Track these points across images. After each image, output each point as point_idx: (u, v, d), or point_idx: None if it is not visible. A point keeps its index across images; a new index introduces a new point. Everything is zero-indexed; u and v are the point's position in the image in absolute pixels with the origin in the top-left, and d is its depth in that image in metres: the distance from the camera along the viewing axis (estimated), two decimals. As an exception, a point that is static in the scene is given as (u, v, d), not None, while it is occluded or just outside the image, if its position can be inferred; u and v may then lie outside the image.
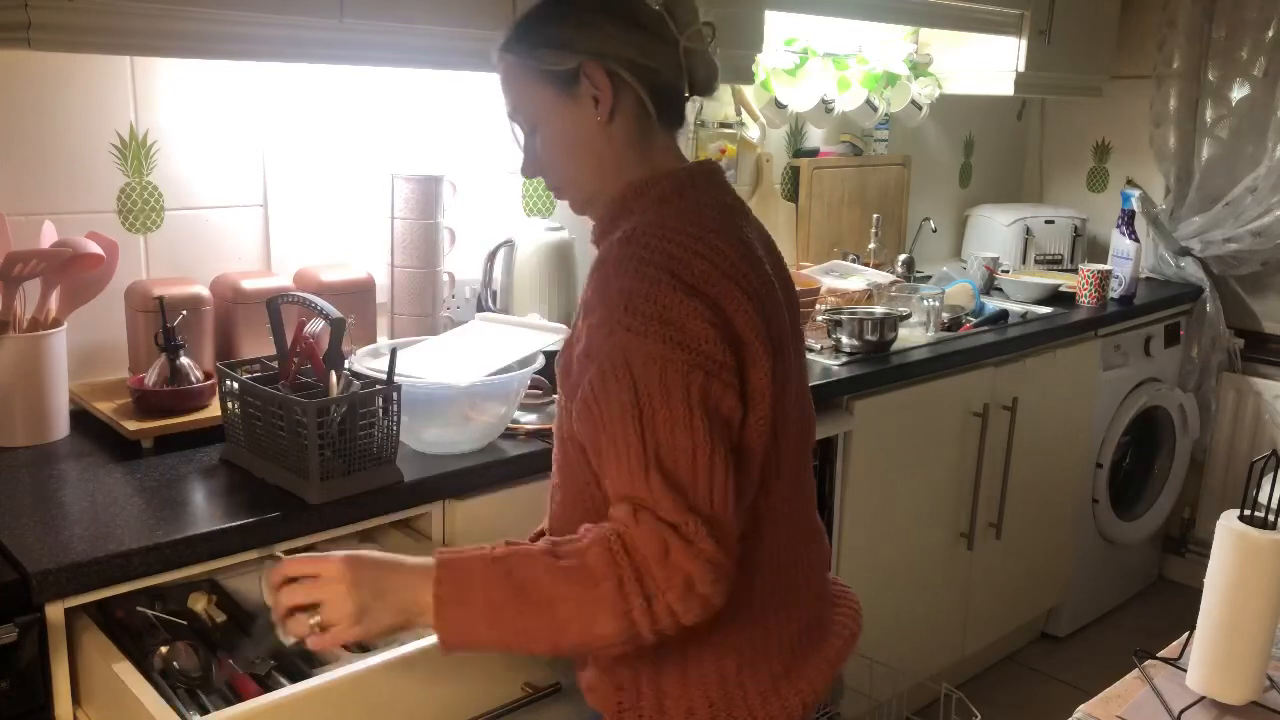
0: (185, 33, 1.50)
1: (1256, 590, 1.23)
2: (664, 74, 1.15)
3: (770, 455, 1.13)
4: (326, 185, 2.09)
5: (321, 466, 1.43)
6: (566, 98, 1.14)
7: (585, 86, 1.13)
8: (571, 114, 1.15)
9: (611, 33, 1.13)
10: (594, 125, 1.14)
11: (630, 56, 1.13)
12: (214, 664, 1.35)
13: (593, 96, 1.13)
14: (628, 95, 1.14)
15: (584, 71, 1.13)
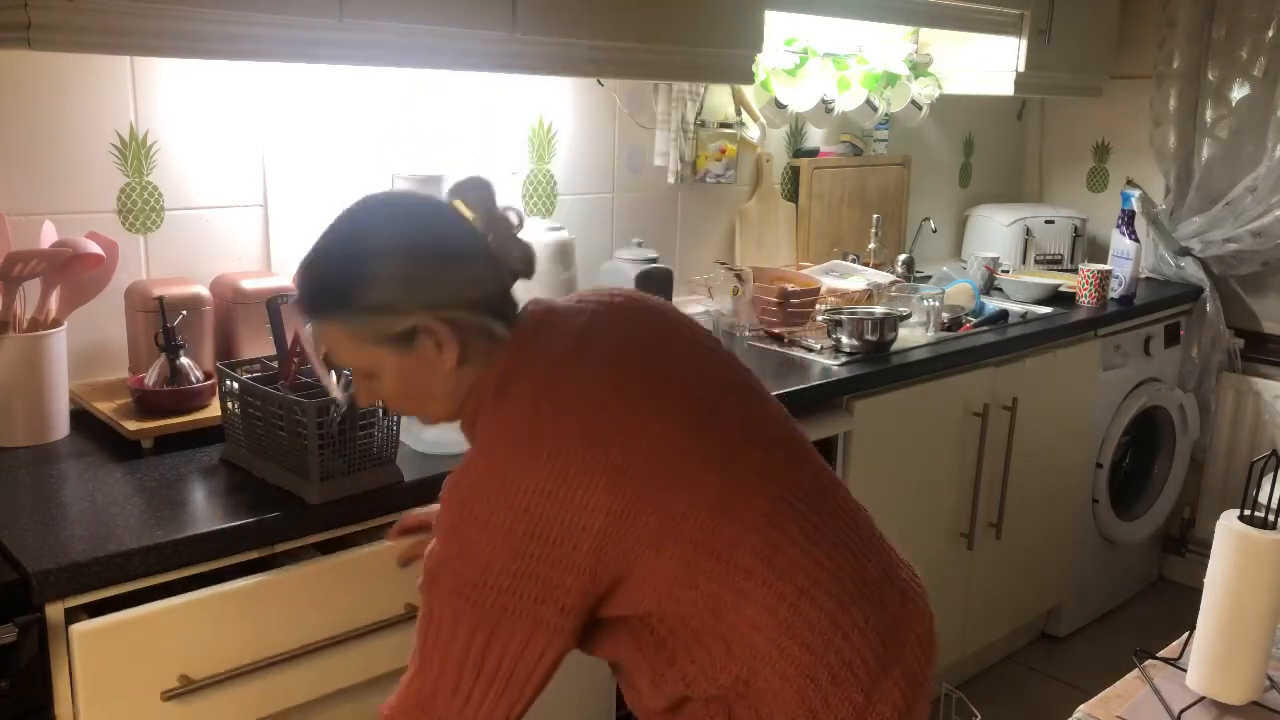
0: (185, 33, 1.50)
1: (1256, 590, 1.23)
2: (493, 288, 1.13)
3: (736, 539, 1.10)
4: (326, 185, 2.09)
5: (322, 466, 1.44)
6: (404, 353, 1.11)
7: (425, 341, 1.10)
8: (414, 365, 1.12)
9: (437, 281, 1.09)
10: (442, 371, 1.12)
11: (463, 296, 1.10)
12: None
13: (434, 346, 1.10)
14: (474, 329, 1.11)
15: (420, 329, 1.09)
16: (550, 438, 1.06)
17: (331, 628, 1.45)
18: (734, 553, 1.09)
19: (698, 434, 1.12)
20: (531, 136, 2.38)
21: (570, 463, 1.04)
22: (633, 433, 1.08)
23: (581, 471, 1.04)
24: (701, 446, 1.12)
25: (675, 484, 1.08)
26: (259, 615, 1.37)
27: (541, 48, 1.89)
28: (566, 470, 1.04)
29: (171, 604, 1.30)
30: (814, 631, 1.11)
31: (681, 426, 1.11)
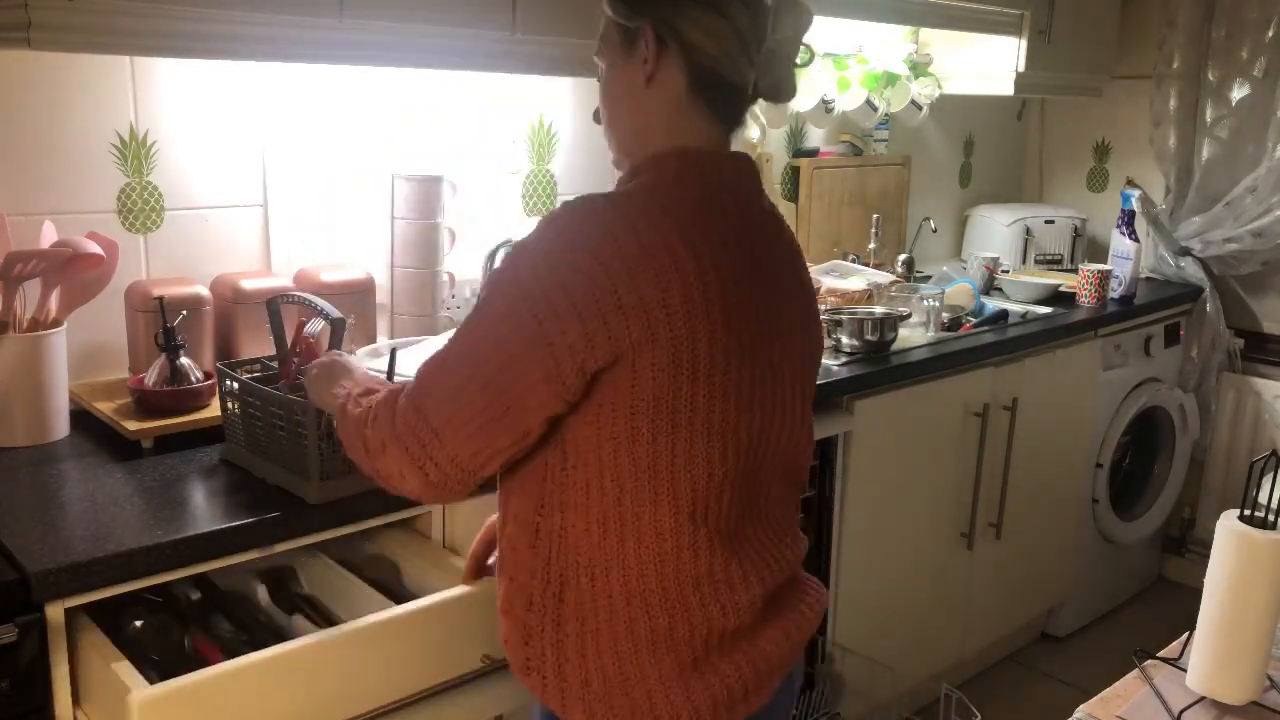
0: (185, 33, 1.50)
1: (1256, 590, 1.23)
2: (722, 62, 1.17)
3: (690, 446, 1.13)
4: (326, 185, 2.09)
5: (321, 466, 1.44)
6: (624, 53, 1.20)
7: (640, 48, 1.18)
8: (624, 69, 1.20)
9: (680, 6, 1.16)
10: (636, 85, 1.19)
11: (686, 32, 1.16)
12: (187, 637, 1.39)
13: (643, 58, 1.18)
14: (671, 66, 1.17)
15: (641, 32, 1.17)
16: (648, 229, 1.09)
17: (397, 689, 1.38)
18: (688, 454, 1.13)
19: (761, 413, 1.18)
20: (531, 136, 2.37)
21: (651, 254, 1.08)
22: (738, 330, 1.14)
23: (653, 268, 1.08)
24: (749, 422, 1.17)
25: (691, 369, 1.11)
26: (320, 677, 1.30)
27: (541, 47, 1.89)
28: (647, 258, 1.08)
29: (233, 667, 1.23)
30: (686, 578, 1.16)
31: (764, 394, 1.18)
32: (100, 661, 1.25)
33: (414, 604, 1.39)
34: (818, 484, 2.29)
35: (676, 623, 1.15)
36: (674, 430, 1.11)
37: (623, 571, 1.14)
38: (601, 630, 1.15)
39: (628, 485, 1.12)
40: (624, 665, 1.15)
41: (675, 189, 1.15)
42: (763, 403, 1.18)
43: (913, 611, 2.57)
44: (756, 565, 1.21)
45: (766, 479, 1.23)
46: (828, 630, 2.35)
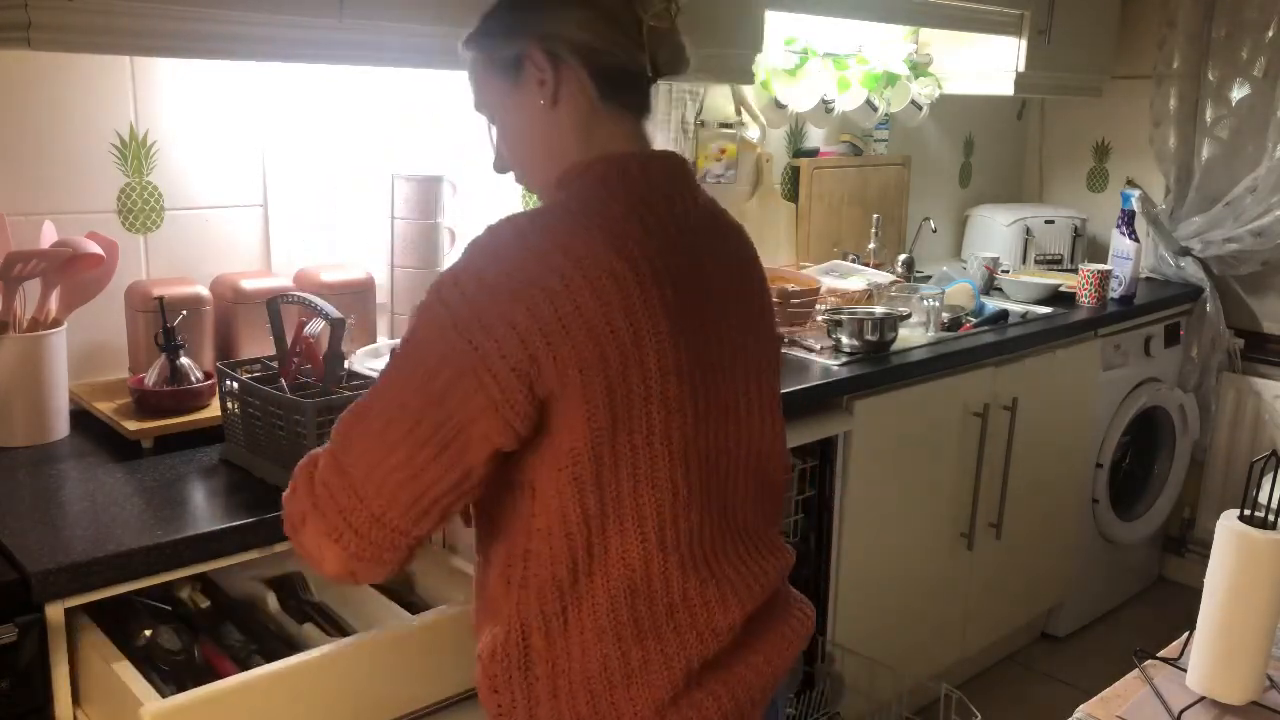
0: (185, 33, 1.50)
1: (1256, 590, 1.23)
2: (614, 54, 1.12)
3: (652, 469, 1.06)
4: (326, 185, 2.09)
5: (321, 466, 1.43)
6: (513, 85, 1.14)
7: (529, 71, 1.12)
8: (519, 101, 1.14)
9: (554, 14, 1.11)
10: (540, 110, 1.13)
11: (572, 36, 1.11)
12: (196, 647, 1.38)
13: (538, 80, 1.12)
14: (571, 77, 1.12)
15: (527, 56, 1.12)
16: (580, 245, 1.03)
17: (412, 701, 1.36)
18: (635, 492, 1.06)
19: (722, 424, 1.13)
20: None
21: (586, 274, 1.01)
22: (692, 338, 1.08)
23: (589, 284, 1.01)
24: (713, 436, 1.12)
25: (636, 393, 1.04)
26: (333, 689, 1.28)
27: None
28: (579, 273, 1.01)
29: (246, 679, 1.22)
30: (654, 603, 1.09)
31: (723, 401, 1.12)
32: (100, 662, 1.25)
33: (428, 614, 1.38)
34: (818, 484, 2.29)
35: (651, 656, 1.09)
36: (634, 455, 1.05)
37: (593, 610, 1.07)
38: (574, 670, 1.09)
39: (594, 524, 1.05)
40: (598, 705, 1.09)
41: (602, 199, 1.08)
42: (719, 413, 1.13)
43: (913, 611, 2.57)
44: (735, 586, 1.14)
45: (738, 493, 1.17)
46: (828, 630, 2.35)
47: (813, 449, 2.26)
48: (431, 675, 1.36)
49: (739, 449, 1.16)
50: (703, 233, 1.15)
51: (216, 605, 1.50)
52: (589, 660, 1.08)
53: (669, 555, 1.08)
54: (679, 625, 1.10)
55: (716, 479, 1.13)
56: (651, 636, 1.09)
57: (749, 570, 1.17)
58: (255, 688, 1.21)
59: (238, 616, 1.48)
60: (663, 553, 1.08)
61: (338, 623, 1.49)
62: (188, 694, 1.18)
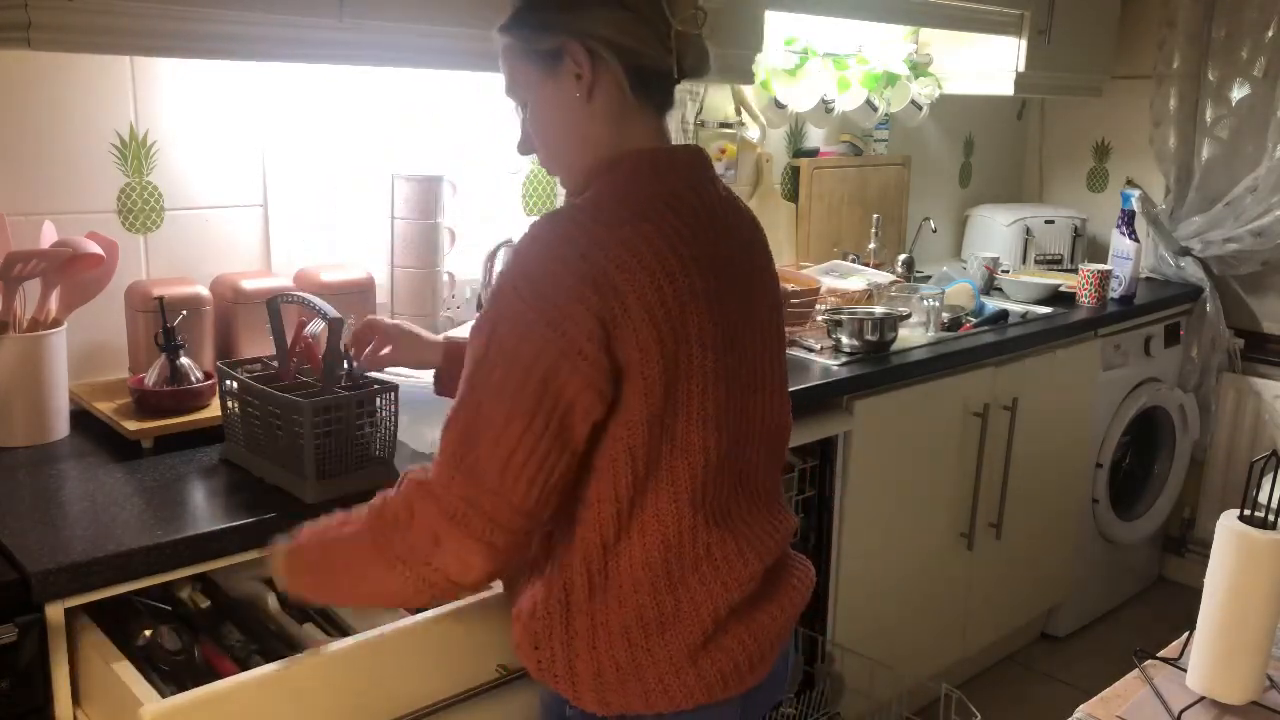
0: (185, 33, 1.50)
1: (1256, 590, 1.23)
2: (647, 55, 1.18)
3: (688, 435, 1.15)
4: (326, 185, 2.09)
5: (318, 466, 1.44)
6: (550, 75, 1.19)
7: (567, 64, 1.18)
8: (555, 91, 1.20)
9: (594, 14, 1.16)
10: (575, 102, 1.19)
11: (611, 36, 1.16)
12: (196, 647, 1.38)
13: (574, 74, 1.18)
14: (607, 74, 1.18)
15: (566, 50, 1.17)
16: (625, 229, 1.11)
17: (412, 700, 1.35)
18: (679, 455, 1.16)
19: (748, 395, 1.23)
20: (531, 136, 2.37)
21: (637, 251, 1.10)
22: (722, 320, 1.17)
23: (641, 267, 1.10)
24: (740, 407, 1.21)
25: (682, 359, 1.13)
26: (334, 689, 1.28)
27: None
28: (632, 254, 1.10)
29: (246, 679, 1.21)
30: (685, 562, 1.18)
31: (748, 376, 1.22)
32: (100, 662, 1.25)
33: (428, 613, 1.38)
34: (818, 484, 2.29)
35: (682, 604, 1.18)
36: (674, 422, 1.14)
37: (630, 564, 1.16)
38: (611, 621, 1.17)
39: (636, 488, 1.14)
40: (635, 651, 1.18)
41: (636, 189, 1.17)
42: (745, 384, 1.22)
43: (913, 611, 2.57)
44: (751, 540, 1.24)
45: (755, 459, 1.27)
46: (828, 630, 2.35)
47: (813, 449, 2.26)
48: (431, 675, 1.37)
49: (760, 419, 1.26)
50: (725, 220, 1.23)
51: (216, 605, 1.49)
52: (626, 611, 1.17)
53: (697, 513, 1.18)
54: (704, 576, 1.19)
55: (739, 446, 1.23)
56: (681, 586, 1.18)
57: (763, 528, 1.27)
58: (255, 688, 1.21)
59: (238, 616, 1.48)
60: (692, 510, 1.17)
61: (338, 623, 1.49)
62: (188, 694, 1.18)
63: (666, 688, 1.18)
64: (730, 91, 2.74)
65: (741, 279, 1.22)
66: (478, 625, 1.40)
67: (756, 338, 1.24)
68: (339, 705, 1.29)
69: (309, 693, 1.25)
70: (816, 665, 2.32)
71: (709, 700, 1.20)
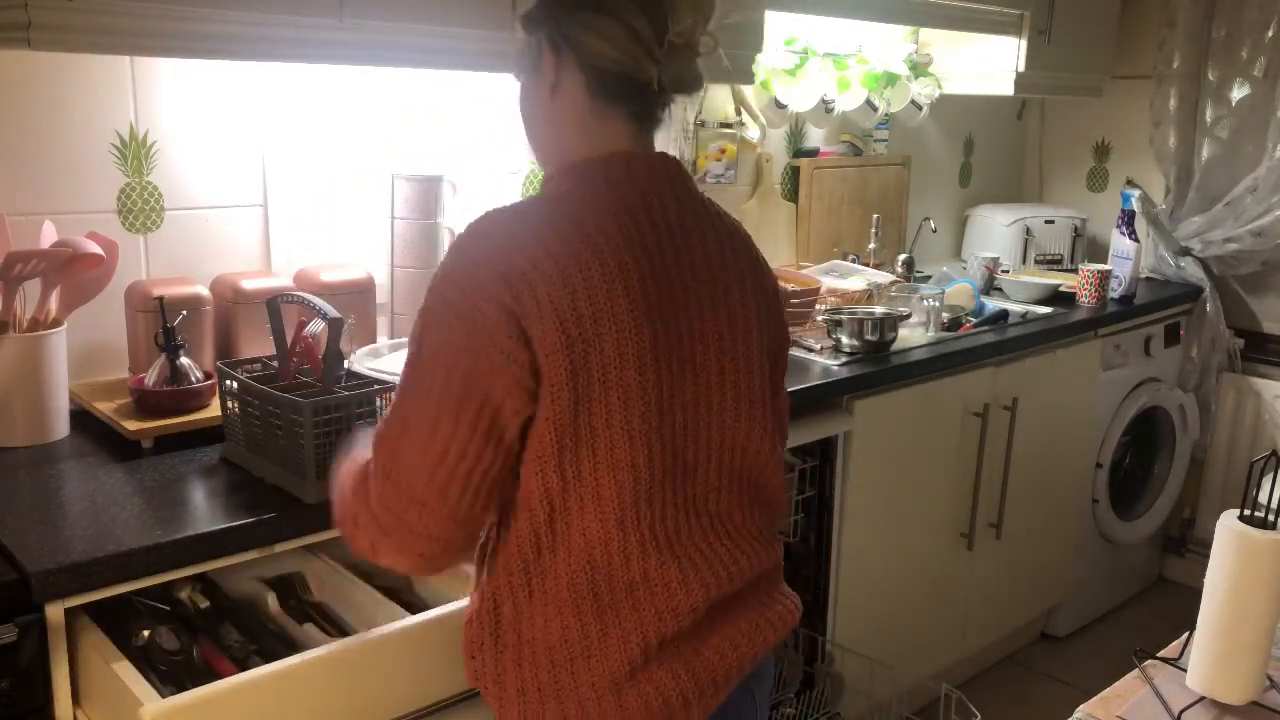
0: (185, 33, 1.50)
1: (1256, 590, 1.23)
2: (619, 62, 1.15)
3: (611, 453, 1.11)
4: (326, 185, 2.09)
5: (317, 465, 1.44)
6: (531, 70, 1.22)
7: (542, 60, 1.19)
8: (531, 84, 1.22)
9: (572, 14, 1.16)
10: (544, 98, 1.20)
11: (579, 38, 1.16)
12: (195, 647, 1.38)
13: (544, 71, 1.19)
14: (570, 73, 1.18)
15: (540, 46, 1.19)
16: (552, 235, 1.10)
17: (413, 701, 1.36)
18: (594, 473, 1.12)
19: (704, 414, 1.17)
20: (531, 136, 2.37)
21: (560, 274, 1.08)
22: (673, 331, 1.14)
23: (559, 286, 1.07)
24: (693, 425, 1.17)
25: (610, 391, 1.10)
26: (334, 689, 1.28)
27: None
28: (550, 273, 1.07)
29: (246, 679, 1.22)
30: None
31: (704, 394, 1.17)
32: (100, 662, 1.25)
33: (429, 614, 1.38)
34: (818, 484, 2.29)
35: (609, 631, 1.13)
36: (593, 437, 1.09)
37: (555, 582, 1.13)
38: (537, 639, 1.15)
39: (556, 500, 1.11)
40: (558, 674, 1.14)
41: (583, 195, 1.14)
42: (685, 404, 1.15)
43: (913, 611, 2.57)
44: (700, 570, 1.17)
45: (708, 482, 1.20)
46: (828, 630, 2.35)
47: (813, 449, 2.26)
48: (431, 675, 1.37)
49: (708, 440, 1.18)
50: (687, 233, 1.18)
51: (216, 605, 1.50)
52: (550, 631, 1.14)
53: (629, 535, 1.13)
54: (638, 602, 1.14)
55: (682, 467, 1.16)
56: (610, 612, 1.13)
57: (716, 556, 1.20)
58: (255, 688, 1.21)
59: (237, 617, 1.48)
60: (622, 532, 1.12)
61: (338, 623, 1.49)
62: (188, 694, 1.18)
63: (586, 715, 1.14)
64: (730, 91, 2.74)
65: (699, 295, 1.17)
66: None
67: (713, 355, 1.18)
68: (339, 705, 1.28)
69: (308, 693, 1.25)
70: (816, 665, 2.32)
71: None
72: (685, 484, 1.17)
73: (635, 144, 1.19)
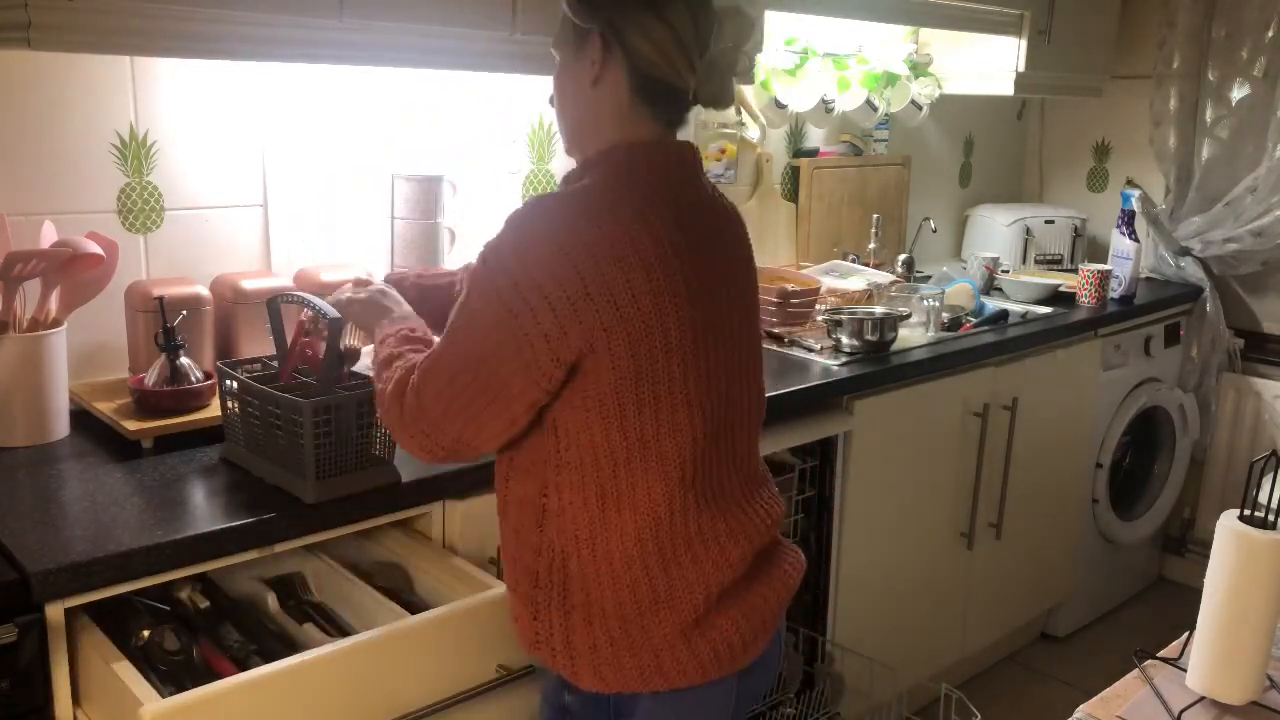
0: (185, 33, 1.50)
1: (1256, 590, 1.23)
2: (663, 69, 1.23)
3: (673, 416, 1.21)
4: (326, 185, 2.09)
5: (318, 466, 1.44)
6: (575, 51, 1.27)
7: (589, 49, 1.25)
8: (574, 67, 1.28)
9: (627, 13, 1.22)
10: (584, 84, 1.26)
11: (633, 39, 1.22)
12: (195, 647, 1.38)
13: (590, 60, 1.25)
14: (616, 71, 1.24)
15: (590, 36, 1.24)
16: (606, 217, 1.18)
17: (413, 700, 1.35)
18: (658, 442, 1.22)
19: (724, 381, 1.27)
20: (531, 136, 2.37)
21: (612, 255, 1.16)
22: (700, 310, 1.23)
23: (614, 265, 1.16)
24: (718, 391, 1.27)
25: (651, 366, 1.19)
26: (334, 689, 1.28)
27: (541, 47, 1.88)
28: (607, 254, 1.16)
29: (246, 679, 1.22)
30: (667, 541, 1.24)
31: (725, 365, 1.27)
32: (100, 662, 1.25)
33: (429, 614, 1.38)
34: (818, 484, 2.29)
35: (675, 583, 1.23)
36: (656, 403, 1.19)
37: (621, 539, 1.21)
38: (606, 597, 1.22)
39: (620, 459, 1.20)
40: (629, 627, 1.22)
41: (626, 178, 1.22)
42: (728, 369, 1.28)
43: (913, 611, 2.57)
44: (743, 522, 1.29)
45: (743, 442, 1.33)
46: (828, 630, 2.35)
47: (813, 449, 2.26)
48: (431, 675, 1.37)
49: (740, 398, 1.31)
50: (708, 213, 1.30)
51: (216, 605, 1.50)
52: (620, 587, 1.22)
53: (688, 491, 1.23)
54: (696, 556, 1.24)
55: (727, 428, 1.29)
56: (674, 565, 1.23)
57: (754, 511, 1.33)
58: (255, 688, 1.21)
59: (237, 617, 1.48)
60: (682, 489, 1.23)
61: (338, 623, 1.49)
62: (188, 694, 1.18)
63: (661, 665, 1.23)
64: (730, 91, 2.73)
65: (726, 271, 1.28)
66: (478, 625, 1.40)
67: (739, 326, 1.30)
68: (339, 705, 1.29)
69: (308, 693, 1.25)
70: (816, 665, 2.32)
71: (703, 680, 1.25)
72: (727, 444, 1.29)
73: (666, 137, 1.29)
